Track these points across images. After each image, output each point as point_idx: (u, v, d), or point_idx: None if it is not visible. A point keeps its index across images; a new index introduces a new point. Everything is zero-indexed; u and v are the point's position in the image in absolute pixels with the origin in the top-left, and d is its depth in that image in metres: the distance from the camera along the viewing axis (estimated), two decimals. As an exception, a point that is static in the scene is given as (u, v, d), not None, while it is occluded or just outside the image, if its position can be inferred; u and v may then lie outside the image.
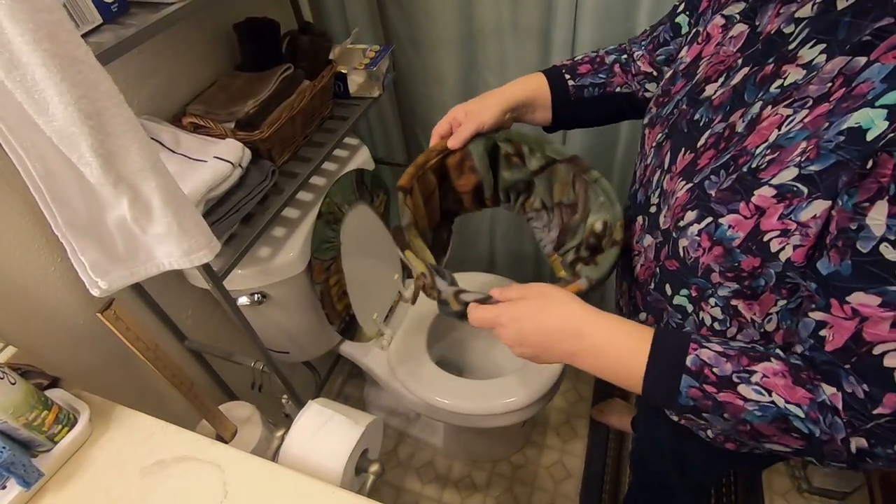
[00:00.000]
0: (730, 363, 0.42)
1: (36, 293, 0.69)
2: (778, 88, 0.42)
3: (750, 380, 0.41)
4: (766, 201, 0.39)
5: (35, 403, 0.56)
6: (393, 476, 1.39)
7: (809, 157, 0.37)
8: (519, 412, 1.07)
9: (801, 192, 0.37)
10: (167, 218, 0.53)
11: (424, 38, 1.08)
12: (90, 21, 0.56)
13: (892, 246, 0.33)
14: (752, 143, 0.42)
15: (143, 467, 0.59)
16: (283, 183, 0.83)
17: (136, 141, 0.48)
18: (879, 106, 0.33)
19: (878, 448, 0.37)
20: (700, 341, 0.44)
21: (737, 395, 0.41)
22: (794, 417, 0.39)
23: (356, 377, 1.62)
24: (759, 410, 0.40)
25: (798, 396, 0.39)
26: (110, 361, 0.81)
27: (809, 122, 0.38)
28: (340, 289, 1.00)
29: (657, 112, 0.58)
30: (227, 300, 0.72)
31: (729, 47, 0.49)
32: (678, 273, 0.49)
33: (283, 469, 0.58)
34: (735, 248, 0.41)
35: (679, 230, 0.47)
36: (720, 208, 0.42)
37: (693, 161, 0.49)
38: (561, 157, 0.65)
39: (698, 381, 0.42)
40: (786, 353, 0.42)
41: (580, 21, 0.96)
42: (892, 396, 0.35)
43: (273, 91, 0.83)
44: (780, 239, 0.39)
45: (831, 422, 0.38)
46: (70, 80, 0.41)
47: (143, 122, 0.77)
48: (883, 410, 0.36)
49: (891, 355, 0.35)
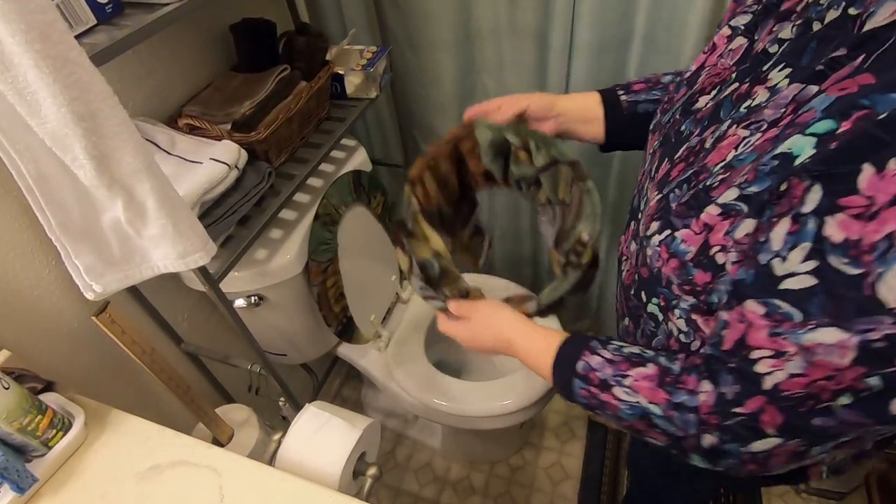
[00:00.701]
0: (610, 368, 0.48)
1: (30, 296, 0.68)
2: (745, 108, 0.43)
3: (623, 383, 0.46)
4: (713, 219, 0.40)
5: (29, 408, 0.56)
6: (391, 478, 1.39)
7: (748, 179, 0.38)
8: (517, 414, 1.07)
9: (742, 210, 0.38)
10: (162, 220, 0.53)
11: (422, 39, 1.07)
12: (84, 22, 0.55)
13: (781, 261, 0.34)
14: (711, 161, 0.43)
15: (138, 472, 0.58)
16: (279, 184, 0.83)
17: (130, 143, 0.47)
18: (810, 134, 0.34)
19: (731, 445, 0.40)
20: (595, 348, 0.50)
21: (612, 396, 0.47)
22: (654, 416, 0.44)
23: (354, 379, 1.61)
24: (629, 409, 0.46)
25: (658, 397, 0.44)
26: (105, 365, 0.80)
27: (759, 145, 0.39)
28: (338, 290, 1.00)
29: (659, 119, 0.58)
30: (224, 303, 0.71)
31: (727, 60, 0.50)
32: (649, 281, 0.51)
33: (280, 473, 0.58)
34: (688, 262, 0.43)
35: (646, 239, 0.49)
36: (677, 221, 0.44)
37: (668, 172, 0.50)
38: (564, 159, 0.66)
39: (585, 383, 0.49)
40: (670, 360, 0.46)
41: (577, 23, 0.95)
42: (753, 400, 0.38)
43: (269, 92, 0.83)
44: (721, 254, 0.40)
45: (685, 419, 0.42)
46: (63, 82, 0.41)
47: (138, 124, 0.76)
48: (742, 410, 0.38)
49: (762, 362, 0.37)
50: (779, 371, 0.36)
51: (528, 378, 1.09)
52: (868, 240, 0.30)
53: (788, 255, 0.34)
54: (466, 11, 1.02)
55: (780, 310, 0.35)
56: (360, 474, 0.68)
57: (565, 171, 0.66)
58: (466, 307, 0.63)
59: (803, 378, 0.35)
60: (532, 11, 0.98)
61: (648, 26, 0.94)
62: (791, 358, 0.35)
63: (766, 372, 0.36)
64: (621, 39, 0.98)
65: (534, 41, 1.02)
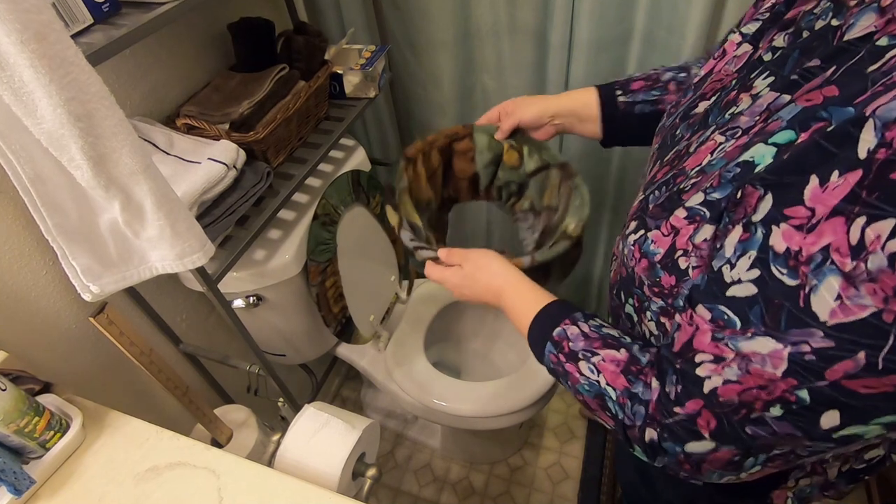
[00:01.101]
0: (584, 342, 0.48)
1: (27, 297, 0.68)
2: (729, 115, 0.43)
3: (590, 359, 0.47)
4: (679, 222, 0.41)
5: (26, 409, 0.55)
6: (390, 478, 1.39)
7: (713, 184, 0.38)
8: (517, 414, 1.07)
9: (705, 215, 0.39)
10: (160, 221, 0.53)
11: (421, 38, 1.07)
12: (81, 21, 0.55)
13: (730, 268, 0.35)
14: (689, 165, 0.44)
15: (136, 474, 0.58)
16: (278, 184, 0.83)
17: (127, 143, 0.47)
18: (771, 143, 0.35)
19: (668, 443, 0.41)
20: (577, 319, 0.51)
21: (577, 368, 0.48)
22: (608, 398, 0.45)
23: (353, 379, 1.61)
24: (588, 385, 0.47)
25: (617, 382, 0.45)
26: (103, 366, 0.80)
27: (730, 151, 0.39)
28: (337, 291, 0.99)
29: (663, 122, 0.59)
30: (222, 303, 0.71)
31: (731, 66, 0.50)
32: (626, 280, 0.52)
33: (278, 474, 0.57)
34: (657, 264, 0.43)
35: (624, 238, 0.49)
36: (651, 222, 0.45)
37: (655, 174, 0.50)
38: (554, 162, 0.70)
39: (556, 349, 0.50)
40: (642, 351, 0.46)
41: (577, 22, 0.95)
42: (694, 402, 0.38)
43: (268, 92, 0.83)
44: (684, 259, 0.41)
45: (636, 410, 0.43)
46: (59, 82, 0.40)
47: (136, 124, 0.76)
48: (681, 410, 0.39)
49: (704, 366, 0.37)
50: (717, 376, 0.36)
51: (527, 378, 1.09)
52: (806, 251, 0.30)
53: (737, 263, 0.34)
54: (465, 10, 1.02)
55: (724, 316, 0.35)
56: (359, 475, 0.68)
57: (554, 174, 0.69)
58: (458, 254, 0.63)
59: (738, 385, 0.35)
60: (531, 10, 0.98)
61: (648, 25, 0.94)
62: (729, 364, 0.35)
63: (706, 376, 0.37)
64: (621, 38, 0.98)
65: (533, 40, 1.02)
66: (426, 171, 0.73)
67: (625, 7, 0.93)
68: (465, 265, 0.62)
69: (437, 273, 0.64)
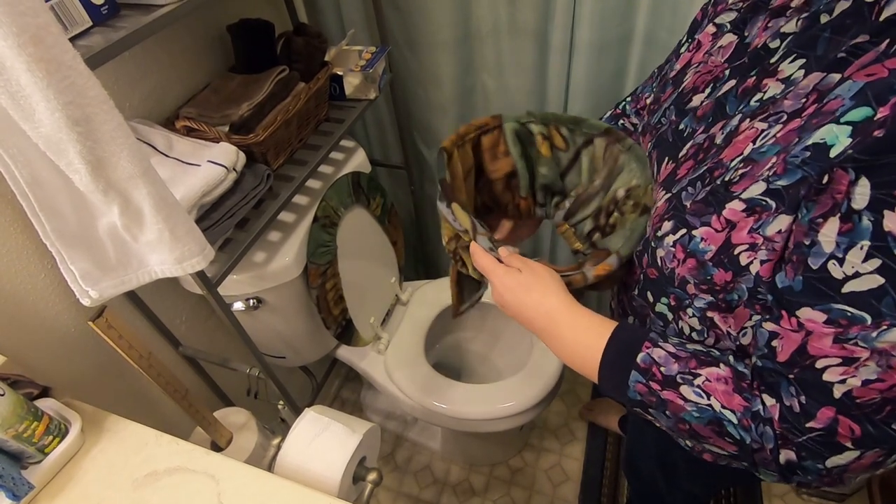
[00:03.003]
0: (677, 364, 0.44)
1: (25, 301, 0.68)
2: (757, 102, 0.42)
3: (693, 382, 0.42)
4: (736, 215, 0.39)
5: (25, 414, 0.55)
6: (390, 480, 1.39)
7: (777, 171, 0.37)
8: (517, 416, 1.06)
9: (770, 206, 0.37)
10: (159, 225, 0.52)
11: (421, 39, 1.07)
12: (79, 23, 0.54)
13: (838, 263, 0.33)
14: (727, 156, 0.42)
15: (135, 479, 0.58)
16: (278, 187, 0.82)
17: (126, 147, 0.47)
18: (844, 122, 0.33)
19: (808, 462, 0.38)
20: (656, 340, 0.46)
21: (678, 394, 0.43)
22: (727, 422, 0.41)
23: (353, 381, 1.61)
24: (697, 412, 0.42)
25: (734, 403, 0.41)
26: (102, 370, 0.79)
27: (781, 136, 0.38)
28: (337, 293, 0.99)
29: (648, 120, 0.58)
30: (222, 306, 0.71)
31: (717, 57, 0.49)
32: (658, 282, 0.50)
33: (278, 479, 0.57)
34: (707, 262, 0.42)
35: (657, 240, 0.47)
36: (694, 220, 0.43)
37: (673, 171, 0.49)
38: (598, 131, 0.64)
39: (645, 377, 0.44)
40: (738, 361, 0.43)
41: (578, 22, 0.95)
42: (825, 411, 0.36)
43: (268, 93, 0.82)
44: (748, 253, 0.39)
45: (762, 431, 0.39)
46: (56, 86, 0.40)
47: (135, 126, 0.76)
48: (815, 424, 0.36)
49: (830, 370, 0.35)
50: (851, 378, 0.34)
51: (528, 380, 1.08)
52: None
53: (846, 257, 0.32)
54: (466, 11, 1.01)
55: (847, 314, 0.33)
56: (360, 479, 0.68)
57: (599, 144, 0.64)
58: (520, 259, 0.56)
59: (880, 383, 0.33)
60: (532, 11, 0.98)
61: (649, 26, 0.93)
62: (864, 363, 0.33)
63: (838, 380, 0.35)
64: (622, 39, 0.97)
65: (534, 41, 1.02)
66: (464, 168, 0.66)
67: (626, 8, 0.93)
68: (525, 271, 0.54)
69: (488, 262, 0.56)
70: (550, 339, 0.52)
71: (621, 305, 0.63)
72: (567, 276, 0.54)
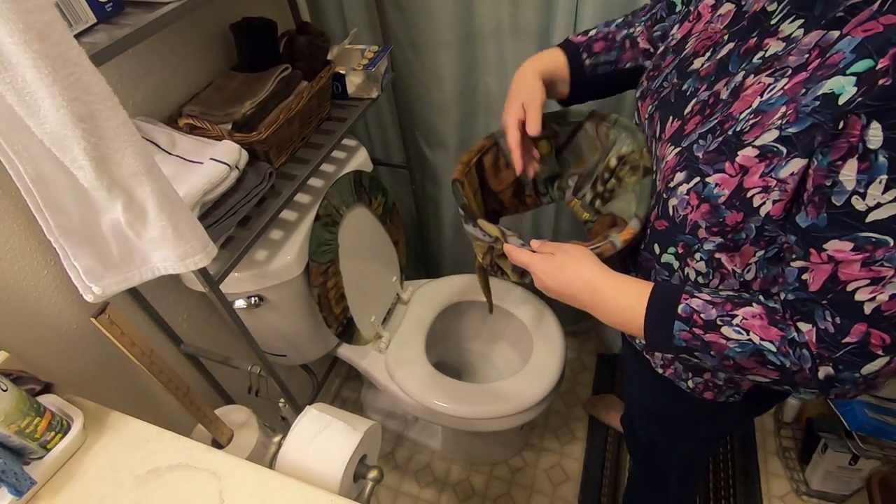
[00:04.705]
0: (715, 309, 0.48)
1: (28, 297, 0.68)
2: (760, 59, 0.46)
3: (732, 322, 0.47)
4: (749, 161, 0.43)
5: (27, 410, 0.55)
6: (390, 479, 1.39)
7: (789, 120, 0.41)
8: (517, 416, 1.06)
9: (781, 151, 0.41)
10: (162, 222, 0.52)
11: (423, 38, 1.07)
12: (84, 21, 0.54)
13: (861, 198, 0.38)
14: (736, 110, 0.46)
15: (137, 475, 0.58)
16: (280, 185, 0.82)
17: (130, 144, 0.47)
18: (850, 74, 0.37)
19: (845, 373, 0.43)
20: (692, 292, 0.50)
21: (720, 335, 0.47)
22: (767, 352, 0.46)
23: (353, 380, 1.61)
24: (739, 347, 0.46)
25: (771, 334, 0.45)
26: (104, 366, 0.79)
27: (789, 88, 0.42)
28: (338, 291, 0.99)
29: (648, 85, 0.62)
30: (224, 304, 0.71)
31: (716, 24, 0.54)
32: (666, 232, 0.55)
33: (280, 476, 0.57)
34: (721, 205, 0.46)
35: (669, 191, 0.51)
36: (707, 169, 0.47)
37: (680, 127, 0.53)
38: (583, 117, 0.70)
39: (688, 325, 0.49)
40: (768, 299, 0.48)
41: (580, 23, 0.95)
42: (859, 326, 0.41)
43: (270, 92, 0.82)
44: (761, 195, 0.43)
45: (800, 354, 0.44)
46: (62, 82, 0.40)
47: (138, 123, 0.76)
48: (850, 339, 0.41)
49: (861, 291, 0.40)
50: (880, 295, 0.39)
51: (528, 380, 1.08)
52: None
53: (867, 191, 0.37)
54: (468, 11, 1.02)
55: (872, 239, 0.38)
56: (360, 477, 0.68)
57: (589, 127, 0.70)
58: (551, 245, 0.60)
59: None
60: (534, 11, 0.98)
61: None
62: (891, 280, 0.38)
63: (867, 298, 0.39)
64: (624, 40, 0.97)
65: (536, 41, 1.02)
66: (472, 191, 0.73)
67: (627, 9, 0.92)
68: (558, 254, 0.58)
69: (524, 256, 0.60)
70: (595, 308, 0.56)
71: (623, 263, 0.66)
72: (597, 248, 0.59)
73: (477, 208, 0.72)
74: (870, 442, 1.11)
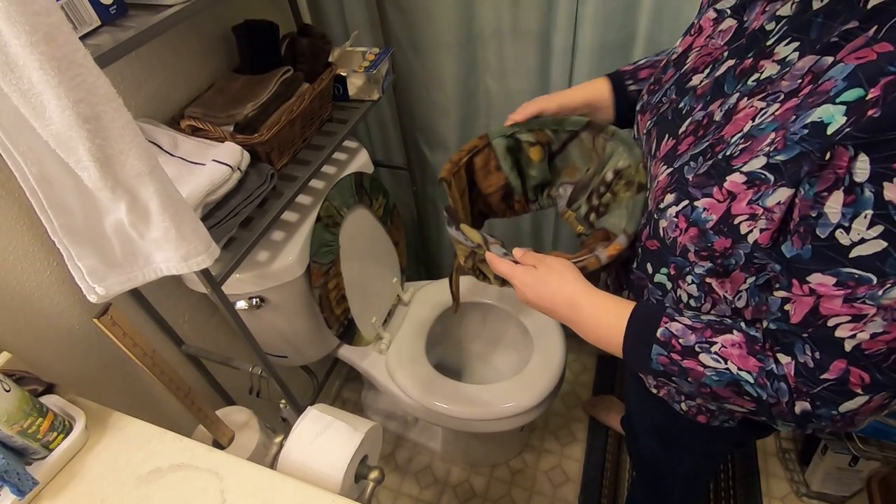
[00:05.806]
0: (694, 335, 0.47)
1: (31, 298, 0.68)
2: (754, 82, 0.45)
3: (710, 349, 0.46)
4: (737, 187, 0.42)
5: (30, 410, 0.55)
6: (391, 480, 1.39)
7: (777, 147, 0.39)
8: (518, 417, 1.07)
9: (769, 179, 0.40)
10: (165, 223, 0.53)
11: (424, 41, 1.07)
12: (88, 23, 0.55)
13: (845, 231, 0.36)
14: (728, 133, 0.45)
15: (139, 475, 0.58)
16: (281, 186, 0.83)
17: (134, 145, 0.47)
18: (840, 102, 0.36)
19: (822, 409, 0.42)
20: (672, 315, 0.49)
21: (698, 362, 0.46)
22: (744, 382, 0.44)
23: (354, 381, 1.61)
24: (717, 375, 0.46)
25: (749, 364, 0.44)
26: (106, 367, 0.80)
27: (779, 114, 0.40)
28: (339, 293, 1.00)
29: (648, 100, 0.61)
30: (226, 305, 0.71)
31: (717, 40, 0.53)
32: (658, 252, 0.54)
33: (281, 476, 0.57)
34: (709, 230, 0.45)
35: (659, 212, 0.50)
36: (696, 192, 0.45)
37: (674, 147, 0.52)
38: (580, 126, 0.69)
39: (666, 350, 0.48)
40: (749, 327, 0.47)
41: (580, 25, 0.95)
42: (838, 363, 0.40)
43: (272, 94, 0.83)
44: (748, 222, 0.42)
45: (778, 387, 0.43)
46: (67, 84, 0.41)
47: (140, 125, 0.76)
48: (829, 376, 0.40)
49: (842, 327, 0.39)
50: (860, 333, 0.38)
51: (528, 381, 1.08)
52: None
53: (852, 225, 0.36)
54: (469, 13, 1.02)
55: (854, 276, 0.37)
56: (362, 478, 0.68)
57: (585, 137, 0.70)
58: (534, 256, 0.60)
59: (886, 335, 0.37)
60: (535, 13, 0.98)
61: (651, 29, 0.94)
62: (872, 319, 0.37)
63: (848, 335, 0.38)
64: (624, 42, 0.98)
65: (536, 43, 1.02)
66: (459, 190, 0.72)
67: (628, 11, 0.93)
68: (540, 267, 0.58)
69: (505, 266, 0.60)
70: (575, 324, 0.55)
71: (617, 280, 0.66)
72: (581, 262, 0.58)
73: (463, 209, 0.72)
74: (870, 443, 1.12)
